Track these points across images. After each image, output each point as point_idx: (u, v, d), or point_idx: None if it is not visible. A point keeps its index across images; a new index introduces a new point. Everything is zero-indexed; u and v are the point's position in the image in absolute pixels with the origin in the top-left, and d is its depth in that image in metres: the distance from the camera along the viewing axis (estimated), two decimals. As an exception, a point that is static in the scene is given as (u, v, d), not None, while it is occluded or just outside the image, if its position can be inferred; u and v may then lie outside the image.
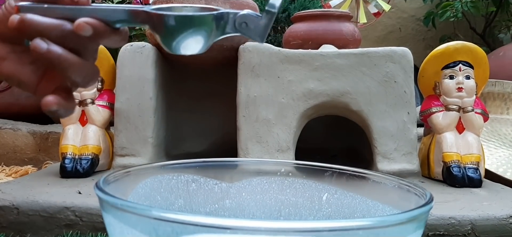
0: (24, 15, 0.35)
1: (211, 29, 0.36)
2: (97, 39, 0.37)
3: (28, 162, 1.48)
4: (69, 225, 0.80)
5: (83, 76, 0.39)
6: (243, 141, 1.08)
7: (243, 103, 1.08)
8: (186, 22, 0.35)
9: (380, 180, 0.51)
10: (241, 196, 0.58)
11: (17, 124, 1.55)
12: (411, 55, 1.09)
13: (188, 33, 0.35)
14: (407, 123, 1.07)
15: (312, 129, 1.22)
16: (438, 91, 1.10)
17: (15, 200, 0.82)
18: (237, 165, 0.61)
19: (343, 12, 1.29)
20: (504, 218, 0.79)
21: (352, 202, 0.53)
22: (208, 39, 0.36)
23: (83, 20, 0.36)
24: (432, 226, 0.78)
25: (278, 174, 0.58)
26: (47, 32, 0.36)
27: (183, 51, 0.37)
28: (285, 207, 0.58)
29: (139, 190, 0.50)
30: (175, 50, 0.37)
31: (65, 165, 1.04)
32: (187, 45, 0.36)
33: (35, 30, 0.36)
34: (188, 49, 0.36)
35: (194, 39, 0.36)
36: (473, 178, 1.01)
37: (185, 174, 0.55)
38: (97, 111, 1.11)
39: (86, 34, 0.36)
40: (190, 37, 0.36)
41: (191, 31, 0.35)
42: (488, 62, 1.11)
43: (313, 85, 1.08)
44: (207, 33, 0.36)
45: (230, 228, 0.33)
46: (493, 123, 1.45)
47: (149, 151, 1.11)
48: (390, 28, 2.55)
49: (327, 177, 0.56)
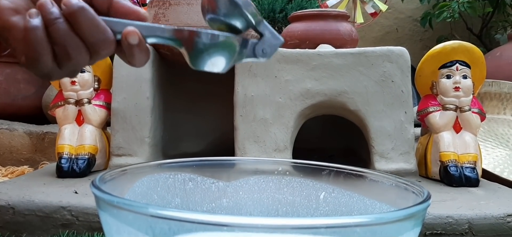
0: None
1: (235, 51, 0.39)
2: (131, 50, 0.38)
3: (25, 162, 1.47)
4: (65, 224, 0.80)
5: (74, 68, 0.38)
6: (240, 140, 1.08)
7: (240, 102, 1.08)
8: (215, 42, 0.38)
9: (377, 179, 0.51)
10: (238, 195, 0.57)
11: (13, 124, 1.54)
12: (408, 55, 1.09)
13: (215, 52, 0.38)
14: (404, 123, 1.07)
15: (309, 130, 1.22)
16: (435, 91, 1.10)
17: (11, 200, 0.81)
18: (234, 164, 0.61)
19: (340, 12, 1.29)
20: (501, 217, 0.79)
21: (350, 200, 0.53)
22: (231, 60, 0.39)
23: (133, 28, 0.37)
24: (430, 225, 0.78)
25: (276, 173, 0.58)
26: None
27: (207, 68, 0.39)
28: (283, 206, 0.57)
29: (135, 189, 0.49)
30: (201, 67, 0.39)
31: (62, 165, 1.03)
32: (212, 64, 0.39)
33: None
34: (213, 67, 0.39)
35: (219, 59, 0.39)
36: (470, 177, 1.02)
37: (182, 173, 0.55)
38: (93, 110, 1.10)
39: (133, 42, 0.37)
40: (216, 57, 0.38)
41: (218, 52, 0.38)
42: (485, 61, 1.11)
43: (310, 84, 1.08)
44: (231, 55, 0.39)
45: (227, 225, 0.33)
46: (490, 123, 1.45)
47: (146, 151, 1.11)
48: (387, 29, 2.55)
49: (324, 176, 0.56)
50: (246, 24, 0.39)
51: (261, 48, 0.39)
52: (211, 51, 0.38)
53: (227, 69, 0.40)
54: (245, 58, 0.40)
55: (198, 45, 0.38)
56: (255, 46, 0.39)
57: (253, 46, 0.39)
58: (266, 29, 0.39)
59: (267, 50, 0.39)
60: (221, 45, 0.38)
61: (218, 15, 0.38)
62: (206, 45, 0.38)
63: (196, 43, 0.38)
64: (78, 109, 1.10)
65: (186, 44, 0.38)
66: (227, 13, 0.38)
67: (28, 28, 0.35)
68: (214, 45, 0.38)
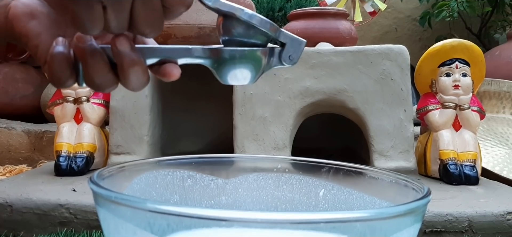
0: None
1: (261, 63, 0.39)
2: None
3: (23, 161, 1.47)
4: (63, 222, 0.79)
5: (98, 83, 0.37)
6: (239, 139, 1.07)
7: (239, 101, 1.08)
8: (241, 55, 0.38)
9: (377, 176, 0.51)
10: (237, 192, 0.57)
11: (11, 123, 1.54)
12: (407, 53, 1.09)
13: (243, 65, 0.39)
14: (403, 121, 1.07)
15: (308, 129, 1.22)
16: (434, 89, 1.10)
17: (8, 198, 0.81)
18: (233, 161, 0.61)
19: (340, 10, 1.29)
20: (501, 214, 0.79)
21: (349, 198, 0.53)
22: (259, 71, 0.39)
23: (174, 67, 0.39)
24: (429, 223, 0.78)
25: (275, 170, 0.57)
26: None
27: (236, 82, 0.40)
28: (282, 203, 0.57)
29: (134, 186, 0.49)
30: (230, 81, 0.40)
31: (60, 163, 1.03)
32: (242, 76, 0.39)
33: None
34: (243, 80, 0.40)
35: (247, 71, 0.39)
36: (470, 175, 1.01)
37: (180, 170, 0.54)
38: (92, 109, 1.10)
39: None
40: (244, 69, 0.39)
41: (245, 64, 0.39)
42: (484, 59, 1.11)
43: (310, 83, 1.08)
44: (259, 65, 0.39)
45: (226, 220, 0.33)
46: (489, 122, 1.45)
47: (145, 149, 1.11)
48: (386, 29, 2.55)
49: (323, 173, 0.56)
50: (266, 39, 0.39)
51: (287, 55, 0.39)
52: (238, 64, 0.38)
53: (256, 80, 0.40)
54: (273, 66, 0.40)
55: (225, 60, 0.38)
56: (281, 54, 0.39)
57: (279, 54, 0.40)
58: (287, 37, 0.39)
59: (293, 55, 0.39)
60: (247, 57, 0.38)
61: (234, 37, 0.38)
62: (233, 59, 0.38)
63: (222, 59, 0.38)
64: (77, 107, 1.10)
65: (214, 60, 0.39)
66: (243, 35, 0.38)
67: (52, 54, 0.35)
68: (240, 57, 0.38)
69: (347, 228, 0.37)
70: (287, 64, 0.40)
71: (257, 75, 0.39)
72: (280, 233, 0.34)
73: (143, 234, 0.36)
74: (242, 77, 0.39)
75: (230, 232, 0.33)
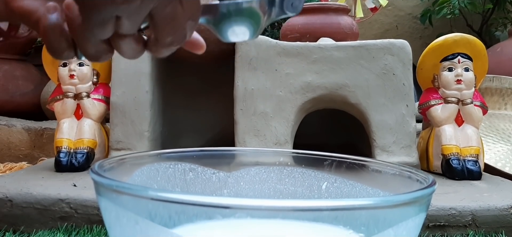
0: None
1: (260, 17, 0.37)
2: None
3: (23, 158, 1.47)
4: (63, 217, 0.79)
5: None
6: (240, 134, 1.07)
7: (241, 96, 1.07)
8: (239, 9, 0.37)
9: (380, 168, 0.51)
10: (239, 185, 0.57)
11: (11, 120, 1.53)
12: (409, 48, 1.09)
13: (242, 20, 0.37)
14: (405, 116, 1.07)
15: (309, 125, 1.21)
16: (436, 84, 1.09)
17: (8, 193, 0.80)
18: (235, 155, 0.60)
19: (341, 5, 1.29)
20: (505, 208, 0.79)
21: (352, 190, 0.53)
22: (260, 24, 0.38)
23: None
24: (433, 217, 0.77)
25: (277, 163, 0.57)
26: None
27: (237, 38, 0.38)
28: (284, 196, 0.57)
29: (135, 179, 0.49)
30: (231, 38, 0.38)
31: (60, 159, 1.02)
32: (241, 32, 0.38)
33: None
34: (244, 36, 0.38)
35: (248, 25, 0.37)
36: (473, 170, 1.01)
37: (182, 163, 0.54)
38: (92, 104, 1.09)
39: (199, 52, 0.37)
40: (244, 24, 0.37)
41: (245, 19, 0.37)
42: (487, 54, 1.11)
43: (311, 78, 1.07)
44: (258, 18, 0.37)
45: (229, 207, 0.32)
46: (491, 118, 1.45)
47: (146, 145, 1.10)
48: (387, 26, 2.54)
49: (326, 166, 0.55)
50: None
51: (289, 3, 0.37)
52: (235, 19, 0.37)
53: (258, 35, 0.38)
54: (275, 16, 0.38)
55: (223, 15, 0.37)
56: (282, 2, 0.37)
57: (280, 3, 0.38)
58: None
59: (296, 2, 0.37)
60: (244, 10, 0.36)
61: None
62: (229, 14, 0.37)
63: (220, 14, 0.37)
64: (77, 103, 1.09)
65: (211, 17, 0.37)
66: None
67: (45, 26, 0.34)
68: (236, 11, 0.36)
69: (351, 218, 0.36)
70: (291, 13, 0.38)
71: (257, 29, 0.37)
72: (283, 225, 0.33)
73: (144, 223, 0.35)
74: (241, 33, 0.37)
75: (232, 223, 0.33)
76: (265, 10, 0.37)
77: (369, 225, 0.35)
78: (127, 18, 0.31)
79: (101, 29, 0.31)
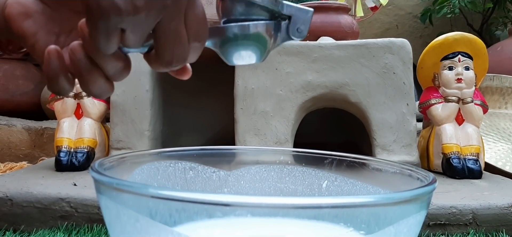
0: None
1: (267, 40, 0.37)
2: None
3: (23, 158, 1.46)
4: (64, 216, 0.79)
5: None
6: (240, 133, 1.07)
7: (241, 95, 1.07)
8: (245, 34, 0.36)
9: (381, 167, 0.50)
10: (240, 184, 0.57)
11: (12, 120, 1.53)
12: (409, 46, 1.09)
13: (248, 44, 0.36)
14: (406, 115, 1.06)
15: (310, 124, 1.21)
16: (437, 83, 1.09)
17: (9, 192, 0.80)
18: (235, 154, 0.60)
19: (341, 4, 1.28)
20: (505, 207, 0.79)
21: (353, 188, 0.52)
22: (267, 48, 0.37)
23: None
24: (433, 216, 0.77)
25: (277, 162, 0.57)
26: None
27: (243, 62, 0.37)
28: (285, 195, 0.57)
29: (135, 177, 0.49)
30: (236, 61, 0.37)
31: (61, 159, 1.02)
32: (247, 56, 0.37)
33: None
34: (250, 59, 0.37)
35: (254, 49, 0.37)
36: (473, 169, 1.01)
37: (182, 161, 0.54)
38: (92, 104, 1.09)
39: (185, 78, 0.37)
40: (250, 48, 0.37)
41: (251, 43, 0.36)
42: (487, 53, 1.11)
43: (311, 77, 1.07)
44: (265, 43, 0.37)
45: (229, 205, 0.32)
46: (492, 117, 1.44)
47: (146, 144, 1.10)
48: (387, 25, 2.54)
49: (326, 164, 0.55)
50: (269, 14, 0.36)
51: (295, 28, 0.37)
52: (241, 42, 0.36)
53: (264, 59, 0.38)
54: (281, 41, 0.37)
55: (228, 39, 0.36)
56: (288, 27, 0.37)
57: (286, 28, 0.37)
58: (292, 9, 0.37)
59: (301, 27, 0.37)
60: (251, 34, 0.36)
61: (235, 17, 0.36)
62: (236, 37, 0.36)
63: (225, 38, 0.36)
64: (77, 102, 1.09)
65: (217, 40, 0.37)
66: (244, 13, 0.36)
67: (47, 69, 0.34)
68: (243, 35, 0.36)
69: (351, 216, 0.36)
70: (297, 38, 0.37)
71: (263, 53, 0.37)
72: (283, 223, 0.33)
73: (145, 221, 0.35)
74: (247, 56, 0.37)
75: (233, 221, 0.33)
76: (271, 34, 0.37)
77: (369, 223, 0.35)
78: (132, 31, 0.31)
79: (107, 40, 0.31)
